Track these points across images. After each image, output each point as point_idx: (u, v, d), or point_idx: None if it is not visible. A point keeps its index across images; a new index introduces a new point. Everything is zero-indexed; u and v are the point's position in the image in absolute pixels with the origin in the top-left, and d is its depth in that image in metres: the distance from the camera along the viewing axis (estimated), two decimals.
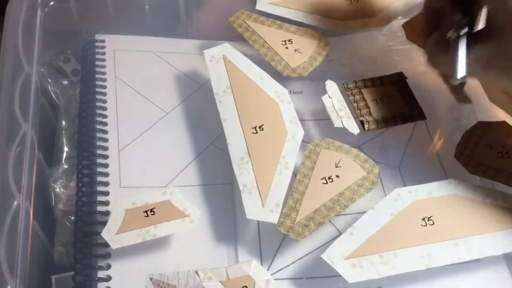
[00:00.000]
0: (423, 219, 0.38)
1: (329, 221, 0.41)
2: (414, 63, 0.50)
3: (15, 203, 0.37)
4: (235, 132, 0.43)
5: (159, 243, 0.40)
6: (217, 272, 0.37)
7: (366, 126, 0.43)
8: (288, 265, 0.40)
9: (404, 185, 0.44)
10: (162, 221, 0.39)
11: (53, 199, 0.43)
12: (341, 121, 0.43)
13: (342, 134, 0.43)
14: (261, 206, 0.40)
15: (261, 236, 0.42)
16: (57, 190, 0.43)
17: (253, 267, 0.37)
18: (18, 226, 0.37)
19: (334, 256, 0.37)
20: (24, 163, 0.40)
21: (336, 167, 0.41)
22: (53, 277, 0.39)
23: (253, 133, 0.43)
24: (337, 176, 0.41)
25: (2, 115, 0.40)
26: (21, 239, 0.37)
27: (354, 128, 0.43)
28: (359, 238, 0.38)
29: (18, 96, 0.42)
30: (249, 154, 0.42)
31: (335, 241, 0.38)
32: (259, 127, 0.43)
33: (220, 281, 0.36)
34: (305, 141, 0.43)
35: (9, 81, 0.43)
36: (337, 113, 0.43)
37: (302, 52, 0.48)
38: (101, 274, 0.38)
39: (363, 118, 0.43)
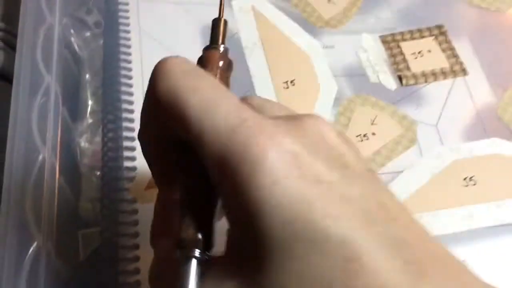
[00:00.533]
0: (465, 179, 0.37)
1: None
2: (456, 14, 0.47)
3: (40, 156, 0.36)
4: (265, 87, 0.41)
5: None
6: None
7: (404, 81, 0.41)
8: None
9: (442, 144, 0.42)
10: None
11: (79, 154, 0.42)
12: (377, 76, 0.41)
13: (377, 90, 0.41)
14: None
15: None
16: (82, 145, 0.42)
17: None
18: (44, 181, 0.36)
19: None
20: (48, 116, 0.38)
21: (372, 124, 0.39)
22: (80, 233, 0.38)
23: (284, 88, 0.41)
24: (373, 134, 0.39)
25: (25, 65, 0.39)
26: (47, 194, 0.36)
27: (391, 84, 0.41)
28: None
29: (41, 47, 0.41)
30: None
31: None
32: (291, 82, 0.41)
33: None
34: (338, 99, 0.41)
35: (31, 32, 0.41)
36: (373, 68, 0.41)
37: (335, 2, 0.46)
38: (128, 230, 0.37)
39: (401, 73, 0.41)
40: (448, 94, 0.44)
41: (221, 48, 0.25)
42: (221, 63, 0.25)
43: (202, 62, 0.25)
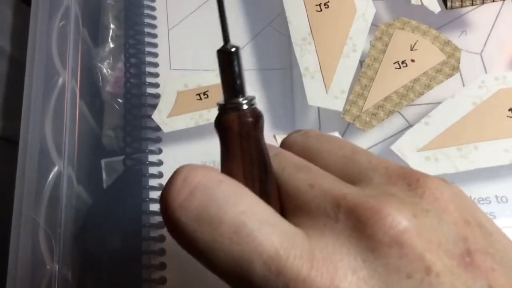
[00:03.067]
0: (510, 109, 0.34)
1: (398, 112, 0.37)
2: None
3: (60, 80, 0.34)
4: (296, 9, 0.38)
5: (213, 128, 0.37)
6: None
7: (449, 3, 0.38)
8: None
9: (486, 74, 0.39)
10: (216, 105, 0.36)
11: (100, 80, 0.40)
12: None
13: (418, 14, 0.38)
14: (324, 92, 0.36)
15: (322, 125, 0.38)
16: (104, 71, 0.40)
17: None
18: (64, 105, 0.34)
19: (406, 148, 0.34)
20: (68, 38, 0.37)
21: (411, 50, 0.36)
22: (103, 161, 0.37)
23: (317, 10, 0.38)
24: (412, 61, 0.36)
25: None
26: (68, 119, 0.34)
27: (434, 6, 0.37)
28: (435, 128, 0.34)
29: None
30: (312, 34, 0.37)
31: (407, 131, 0.34)
32: (324, 4, 0.38)
33: None
34: (374, 24, 0.38)
35: None
36: None
37: None
38: (152, 158, 0.36)
39: None
40: (495, 19, 0.41)
41: (243, 105, 0.19)
42: (245, 130, 0.19)
43: (221, 133, 0.19)
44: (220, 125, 0.19)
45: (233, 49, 0.19)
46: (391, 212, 0.16)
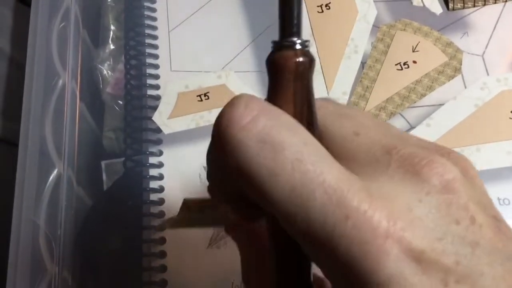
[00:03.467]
0: None
1: (400, 113, 0.37)
2: None
3: (61, 81, 0.34)
4: None
5: None
6: None
7: (451, 4, 0.37)
8: None
9: (488, 76, 0.39)
10: (217, 106, 0.36)
11: (101, 81, 0.40)
12: None
13: (420, 16, 0.38)
14: (326, 93, 0.36)
15: None
16: (104, 72, 0.40)
17: None
18: (64, 107, 0.34)
19: None
20: (68, 40, 0.36)
21: (413, 51, 0.36)
22: (103, 163, 0.37)
23: (318, 12, 0.38)
24: (414, 62, 0.36)
25: None
26: (68, 120, 0.34)
27: (436, 8, 0.37)
28: (437, 130, 0.34)
29: None
30: (313, 35, 0.37)
31: (409, 133, 0.34)
32: (326, 5, 0.38)
33: None
34: (376, 26, 0.38)
35: None
36: None
37: None
38: (152, 160, 0.36)
39: None
40: (497, 21, 0.41)
41: (298, 45, 0.18)
42: (300, 70, 0.18)
43: (274, 71, 0.18)
44: (274, 62, 0.18)
45: None
46: (443, 162, 0.17)
